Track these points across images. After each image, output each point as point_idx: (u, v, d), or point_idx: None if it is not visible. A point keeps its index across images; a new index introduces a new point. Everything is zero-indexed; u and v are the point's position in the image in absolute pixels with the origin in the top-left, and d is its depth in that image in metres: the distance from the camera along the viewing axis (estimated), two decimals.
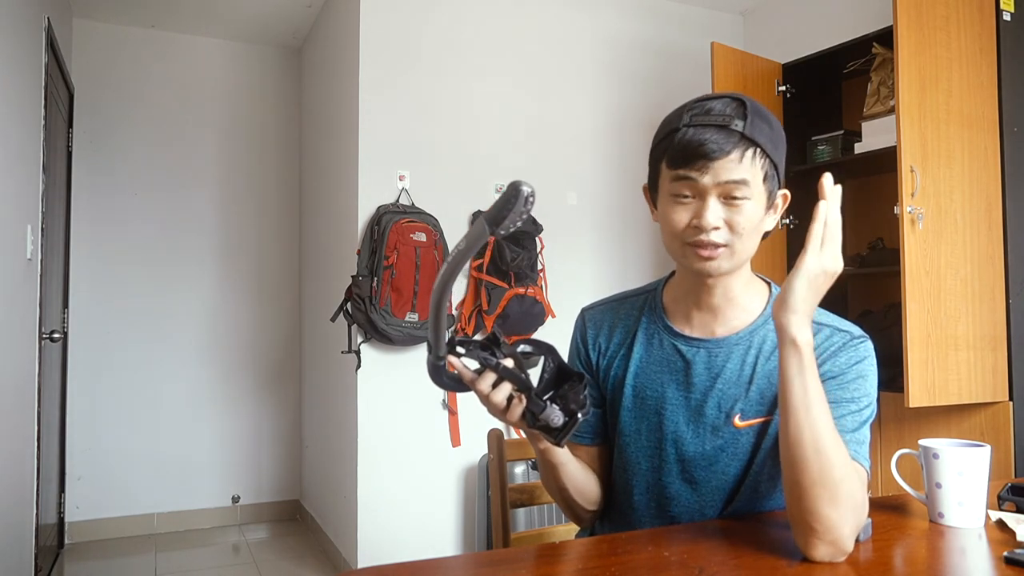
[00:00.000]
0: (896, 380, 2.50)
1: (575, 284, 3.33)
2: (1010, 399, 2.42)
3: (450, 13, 3.21)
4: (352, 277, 2.96)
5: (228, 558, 3.56)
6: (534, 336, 3.17)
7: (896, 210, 2.33)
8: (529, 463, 2.93)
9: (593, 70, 3.50)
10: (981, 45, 2.48)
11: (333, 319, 3.01)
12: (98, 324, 3.78)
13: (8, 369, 2.31)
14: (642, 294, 1.22)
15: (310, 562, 3.44)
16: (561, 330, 2.67)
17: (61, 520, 3.58)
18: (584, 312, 1.25)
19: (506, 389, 0.96)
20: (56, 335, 2.96)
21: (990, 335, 2.43)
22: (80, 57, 3.79)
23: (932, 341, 2.32)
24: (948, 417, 2.50)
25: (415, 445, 3.07)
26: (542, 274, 3.20)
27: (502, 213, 0.82)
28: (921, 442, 1.10)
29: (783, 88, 3.12)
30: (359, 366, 2.98)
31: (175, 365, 3.94)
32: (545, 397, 0.95)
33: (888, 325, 2.78)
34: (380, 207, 2.98)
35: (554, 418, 0.94)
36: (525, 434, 1.06)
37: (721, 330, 1.11)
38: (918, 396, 2.28)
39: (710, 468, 1.09)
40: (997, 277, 2.46)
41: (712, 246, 1.02)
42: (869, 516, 1.01)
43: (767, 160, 1.02)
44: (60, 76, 3.23)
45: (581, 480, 1.15)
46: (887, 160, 2.61)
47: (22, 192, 2.50)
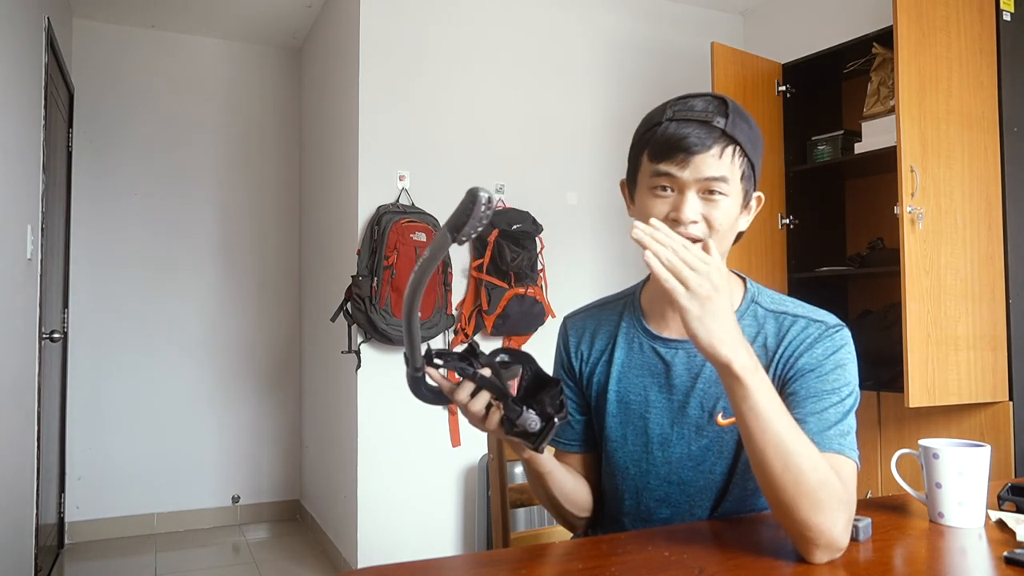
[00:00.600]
0: (896, 380, 2.50)
1: (575, 284, 3.33)
2: (1010, 399, 2.42)
3: (450, 13, 3.21)
4: (352, 277, 2.96)
5: (228, 558, 3.56)
6: (534, 336, 3.18)
7: (896, 210, 2.33)
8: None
9: (593, 70, 3.50)
10: (981, 45, 2.48)
11: (333, 319, 3.01)
12: (98, 324, 3.78)
13: (8, 369, 2.31)
14: (621, 298, 1.22)
15: (310, 562, 3.44)
16: None
17: (61, 520, 3.58)
18: (566, 320, 1.26)
19: (484, 398, 0.97)
20: (56, 335, 2.96)
21: (990, 335, 2.43)
22: (80, 57, 3.79)
23: (932, 341, 2.32)
24: (948, 417, 2.50)
25: (415, 445, 3.07)
26: (542, 274, 3.20)
27: (461, 219, 0.82)
28: (921, 442, 1.10)
29: (783, 88, 3.12)
30: (359, 366, 2.98)
31: (175, 365, 3.94)
32: (522, 404, 0.96)
33: (888, 325, 2.77)
34: (380, 207, 2.98)
35: (531, 423, 0.94)
36: (509, 444, 1.06)
37: None
38: (918, 396, 2.28)
39: (697, 468, 1.09)
40: (997, 277, 2.46)
41: (688, 240, 1.01)
42: (869, 516, 1.02)
43: (745, 159, 1.04)
44: (60, 76, 3.23)
45: (570, 488, 1.15)
46: (887, 160, 2.61)
47: (22, 192, 2.50)
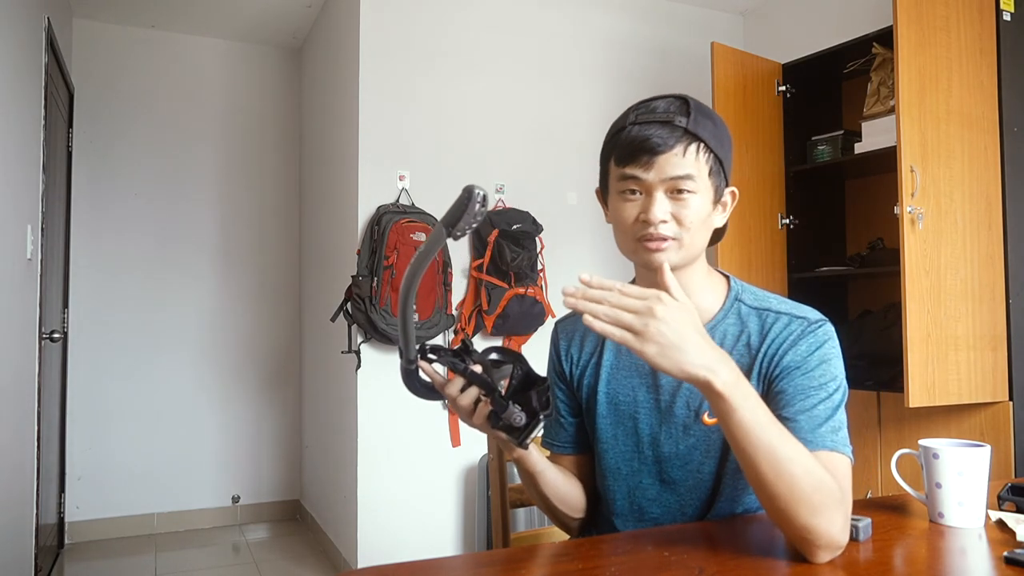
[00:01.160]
0: (896, 380, 2.50)
1: (575, 284, 3.33)
2: (1010, 399, 2.42)
3: (450, 13, 3.21)
4: (352, 277, 2.96)
5: (228, 558, 3.56)
6: (534, 336, 3.18)
7: (896, 210, 2.32)
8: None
9: (593, 70, 3.50)
10: (981, 45, 2.48)
11: (333, 319, 3.01)
12: (98, 324, 3.78)
13: (8, 369, 2.31)
14: None
15: (310, 562, 3.44)
16: None
17: (61, 520, 3.58)
18: (557, 324, 1.27)
19: (473, 393, 0.99)
20: (56, 335, 2.96)
21: (990, 335, 2.43)
22: (80, 57, 3.79)
23: (932, 341, 2.32)
24: (948, 417, 2.50)
25: (415, 445, 3.07)
26: (542, 274, 3.20)
27: (456, 215, 0.85)
28: (921, 442, 1.10)
29: (783, 88, 3.12)
30: (359, 366, 2.98)
31: (175, 365, 3.94)
32: (509, 400, 0.97)
33: (888, 325, 2.78)
34: (380, 207, 2.98)
35: (516, 418, 0.96)
36: (497, 442, 1.06)
37: None
38: (918, 396, 2.28)
39: (685, 467, 1.10)
40: (997, 277, 2.46)
41: (660, 239, 1.03)
42: (869, 516, 1.02)
43: (711, 155, 1.04)
44: (60, 76, 3.23)
45: (562, 489, 1.15)
46: (887, 160, 2.61)
47: (22, 192, 2.50)
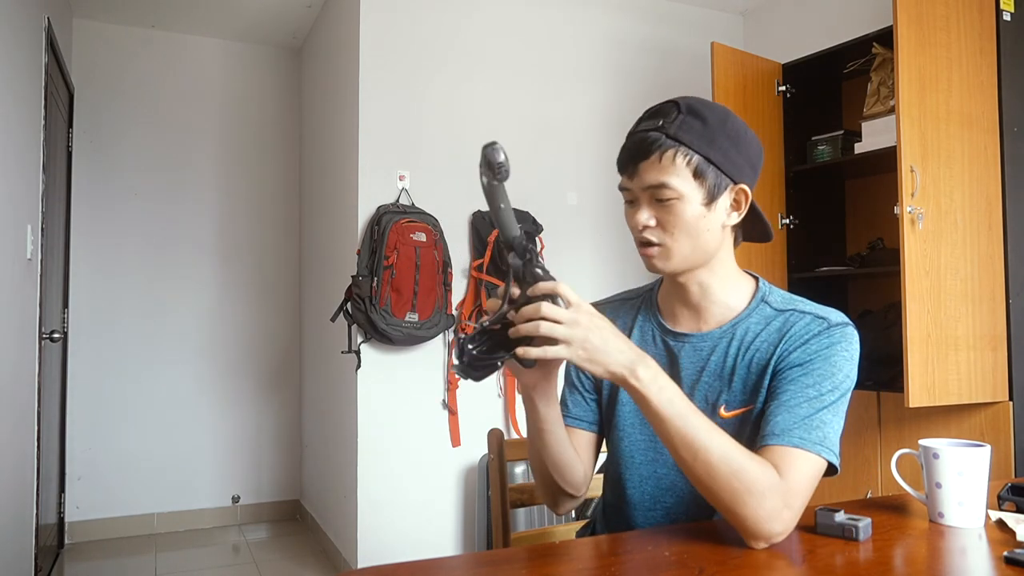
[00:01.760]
0: (896, 380, 2.50)
1: (575, 284, 3.31)
2: (1010, 399, 2.42)
3: (450, 13, 3.21)
4: (352, 277, 2.96)
5: (228, 558, 3.56)
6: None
7: (896, 210, 2.32)
8: (529, 463, 2.93)
9: (593, 70, 3.50)
10: (981, 45, 2.48)
11: (333, 319, 3.00)
12: (98, 324, 3.78)
13: (8, 369, 2.31)
14: (641, 294, 1.26)
15: (310, 562, 3.44)
16: None
17: (61, 520, 3.58)
18: None
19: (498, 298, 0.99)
20: (56, 335, 2.96)
21: (990, 335, 2.43)
22: (80, 57, 3.79)
23: (932, 341, 2.32)
24: (948, 417, 2.50)
25: (415, 445, 3.07)
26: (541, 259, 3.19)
27: (491, 170, 0.98)
28: (921, 442, 1.10)
29: (783, 88, 3.12)
30: (359, 366, 2.98)
31: (175, 365, 3.94)
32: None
33: (888, 325, 2.78)
34: (380, 207, 2.98)
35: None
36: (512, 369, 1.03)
37: (706, 325, 1.15)
38: (918, 396, 2.28)
39: None
40: (997, 277, 2.46)
41: (647, 244, 1.09)
42: (869, 516, 1.02)
43: (695, 156, 1.04)
44: (60, 76, 3.23)
45: (565, 455, 1.14)
46: (887, 160, 2.61)
47: (22, 192, 2.50)
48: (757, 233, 1.18)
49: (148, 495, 3.84)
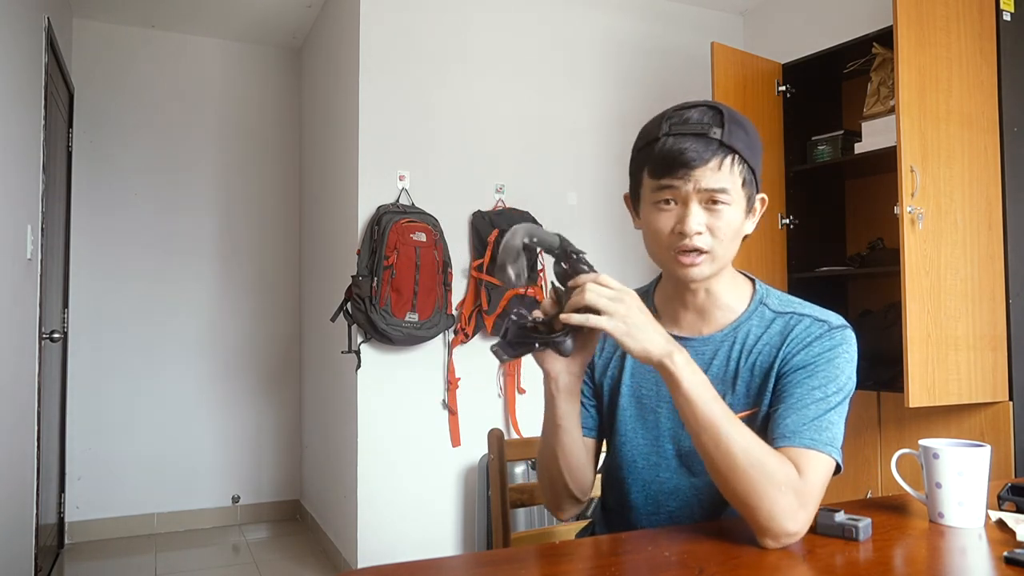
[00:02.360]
0: (896, 380, 2.50)
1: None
2: (1010, 399, 2.42)
3: (450, 13, 3.21)
4: (352, 277, 2.96)
5: (228, 558, 3.56)
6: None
7: (896, 210, 2.32)
8: (529, 463, 2.93)
9: (593, 70, 3.50)
10: (981, 45, 2.48)
11: (333, 319, 3.00)
12: (98, 324, 3.78)
13: (8, 369, 2.31)
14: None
15: (310, 562, 3.44)
16: None
17: (61, 520, 3.58)
18: None
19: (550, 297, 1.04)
20: (56, 335, 2.96)
21: (990, 335, 2.43)
22: (80, 57, 3.79)
23: (932, 341, 2.32)
24: (948, 417, 2.50)
25: (415, 445, 3.07)
26: (542, 274, 3.20)
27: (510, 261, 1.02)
28: (921, 442, 1.10)
29: (783, 88, 3.12)
30: (359, 366, 2.99)
31: (175, 365, 3.94)
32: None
33: (888, 325, 2.78)
34: (380, 207, 2.98)
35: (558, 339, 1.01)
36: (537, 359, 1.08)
37: (707, 329, 1.14)
38: (918, 396, 2.28)
39: (704, 462, 1.11)
40: (997, 277, 2.46)
41: (695, 252, 1.05)
42: (869, 516, 1.02)
43: (745, 166, 1.06)
44: (60, 76, 3.23)
45: (576, 457, 1.14)
46: (887, 160, 2.61)
47: (22, 192, 2.50)
48: None
49: (148, 495, 3.83)
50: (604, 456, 1.27)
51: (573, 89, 3.45)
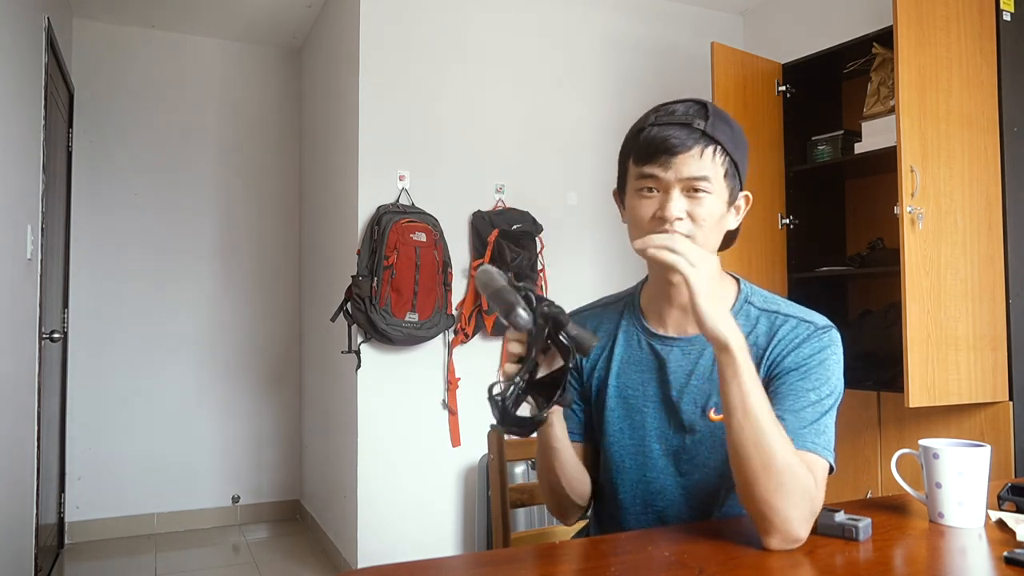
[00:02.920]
0: (896, 380, 2.50)
1: (575, 284, 3.33)
2: (1010, 399, 2.42)
3: (450, 13, 3.21)
4: (352, 277, 2.96)
5: (228, 558, 3.56)
6: None
7: (896, 210, 2.32)
8: (529, 463, 2.93)
9: (593, 70, 3.50)
10: (981, 45, 2.48)
11: (333, 319, 3.00)
12: (98, 324, 3.78)
13: (8, 369, 2.31)
14: (622, 298, 1.26)
15: (310, 562, 3.44)
16: None
17: (61, 520, 3.58)
18: (570, 315, 1.27)
19: (518, 348, 0.98)
20: (56, 335, 2.96)
21: (990, 335, 2.43)
22: (80, 57, 3.79)
23: (932, 341, 2.32)
24: (948, 417, 2.50)
25: (415, 445, 3.07)
26: (542, 274, 3.20)
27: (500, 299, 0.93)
28: (921, 442, 1.10)
29: (783, 88, 3.12)
30: (359, 366, 2.98)
31: (175, 365, 3.94)
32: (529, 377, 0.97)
33: (888, 325, 2.78)
34: (380, 207, 2.98)
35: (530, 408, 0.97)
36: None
37: (693, 328, 1.13)
38: (918, 396, 2.28)
39: (692, 461, 1.12)
40: (997, 277, 2.46)
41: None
42: (869, 516, 1.02)
43: (727, 158, 1.07)
44: (60, 76, 3.23)
45: (574, 471, 1.16)
46: (887, 160, 2.61)
47: (22, 192, 2.50)
48: (730, 238, 1.17)
49: (148, 495, 3.83)
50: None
51: (573, 89, 3.45)
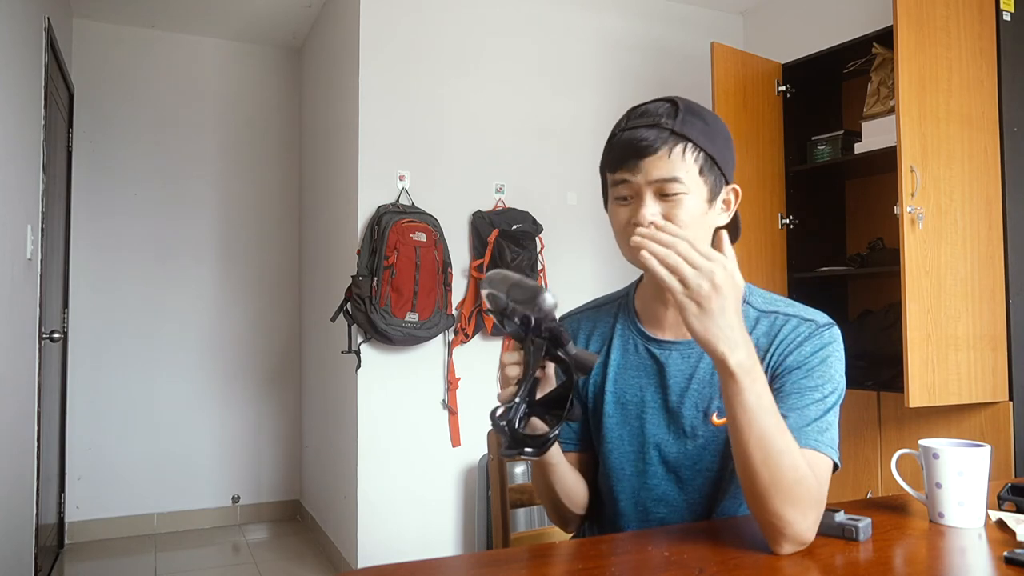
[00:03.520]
0: (896, 380, 2.50)
1: (575, 284, 3.33)
2: (1010, 399, 2.42)
3: (450, 13, 3.21)
4: (352, 277, 2.96)
5: (228, 558, 3.56)
6: None
7: (896, 210, 2.32)
8: (529, 464, 2.93)
9: (593, 70, 3.50)
10: (981, 45, 2.48)
11: (333, 319, 3.01)
12: (98, 324, 3.78)
13: (8, 369, 2.31)
14: (616, 300, 1.24)
15: (310, 562, 3.44)
16: None
17: (61, 520, 3.58)
18: (562, 319, 1.25)
19: (517, 372, 0.96)
20: (56, 335, 2.96)
21: (990, 335, 2.43)
22: (80, 57, 3.79)
23: (932, 341, 2.32)
24: (948, 417, 2.50)
25: (415, 445, 3.07)
26: (542, 274, 3.20)
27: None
28: (921, 442, 1.10)
29: (783, 88, 3.12)
30: (359, 366, 2.98)
31: (175, 365, 3.94)
32: (531, 399, 0.94)
33: (888, 325, 2.78)
34: (380, 207, 2.98)
35: (517, 416, 0.92)
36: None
37: None
38: (918, 396, 2.28)
39: (694, 467, 1.10)
40: (997, 277, 2.46)
41: None
42: (869, 516, 1.02)
43: (701, 153, 1.03)
44: (60, 76, 3.23)
45: (571, 483, 1.16)
46: (887, 160, 2.61)
47: (22, 192, 2.50)
48: (730, 233, 1.16)
49: (148, 495, 3.83)
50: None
51: (573, 89, 3.45)
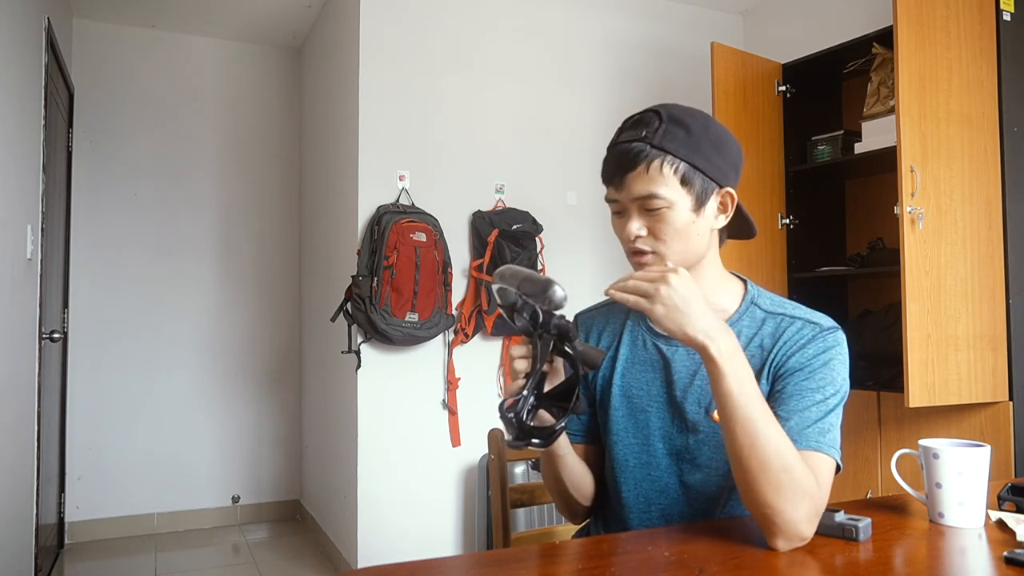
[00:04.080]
0: (896, 380, 2.50)
1: (575, 284, 3.33)
2: (1010, 399, 2.42)
3: (450, 13, 3.21)
4: (352, 277, 2.96)
5: (228, 558, 3.56)
6: None
7: (896, 210, 2.32)
8: (529, 463, 2.93)
9: (593, 70, 3.50)
10: (981, 45, 2.48)
11: (333, 319, 3.01)
12: (98, 324, 3.78)
13: (8, 369, 2.31)
14: None
15: (310, 562, 3.44)
16: None
17: (61, 520, 3.58)
18: (577, 316, 1.30)
19: (523, 365, 1.03)
20: (56, 335, 2.96)
21: (990, 335, 2.43)
22: (80, 57, 3.79)
23: (932, 341, 2.32)
24: (948, 417, 2.50)
25: (415, 445, 3.07)
26: (542, 274, 3.19)
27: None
28: (921, 442, 1.10)
29: (783, 88, 3.12)
30: (359, 366, 2.99)
31: (175, 365, 3.94)
32: (539, 392, 0.99)
33: (888, 325, 2.78)
34: (380, 207, 2.98)
35: (524, 410, 0.97)
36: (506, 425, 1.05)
37: None
38: (918, 396, 2.28)
39: (695, 461, 1.12)
40: (997, 277, 2.46)
41: (640, 253, 1.10)
42: (869, 516, 1.02)
43: (681, 164, 1.06)
44: (60, 76, 3.23)
45: (578, 475, 1.19)
46: (887, 160, 2.61)
47: (22, 192, 2.50)
48: (742, 231, 1.19)
49: (148, 495, 3.83)
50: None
51: (573, 88, 3.45)
